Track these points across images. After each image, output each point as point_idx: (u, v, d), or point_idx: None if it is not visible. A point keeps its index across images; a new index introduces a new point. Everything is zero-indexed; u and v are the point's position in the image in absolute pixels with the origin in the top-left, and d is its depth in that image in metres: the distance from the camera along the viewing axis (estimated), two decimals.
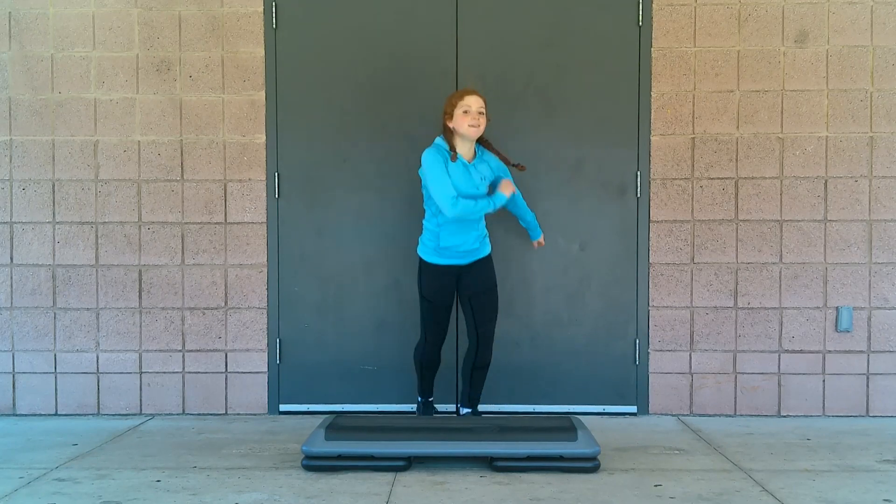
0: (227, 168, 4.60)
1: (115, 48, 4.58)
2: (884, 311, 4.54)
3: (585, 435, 3.58)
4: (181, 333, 4.62)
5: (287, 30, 4.59)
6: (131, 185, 4.60)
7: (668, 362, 4.59)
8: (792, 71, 4.53)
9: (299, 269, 4.63)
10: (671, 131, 4.55)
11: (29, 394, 4.63)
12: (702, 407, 4.59)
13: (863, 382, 4.56)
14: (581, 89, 4.57)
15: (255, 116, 4.59)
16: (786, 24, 4.53)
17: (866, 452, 3.88)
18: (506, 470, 3.53)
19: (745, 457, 3.80)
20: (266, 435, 4.22)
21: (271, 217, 4.62)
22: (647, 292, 4.57)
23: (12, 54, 4.58)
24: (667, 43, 4.54)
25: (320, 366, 4.64)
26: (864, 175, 4.53)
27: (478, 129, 3.98)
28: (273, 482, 3.42)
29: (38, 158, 4.60)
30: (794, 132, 4.54)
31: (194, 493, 3.28)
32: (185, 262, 4.61)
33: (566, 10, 4.57)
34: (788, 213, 4.55)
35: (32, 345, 4.62)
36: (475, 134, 3.98)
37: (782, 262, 4.56)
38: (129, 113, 4.60)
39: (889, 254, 4.54)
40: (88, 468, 3.64)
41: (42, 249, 4.61)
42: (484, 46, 4.58)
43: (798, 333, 4.56)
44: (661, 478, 3.48)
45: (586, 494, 3.25)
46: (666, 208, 4.56)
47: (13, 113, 4.59)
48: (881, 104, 4.52)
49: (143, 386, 4.63)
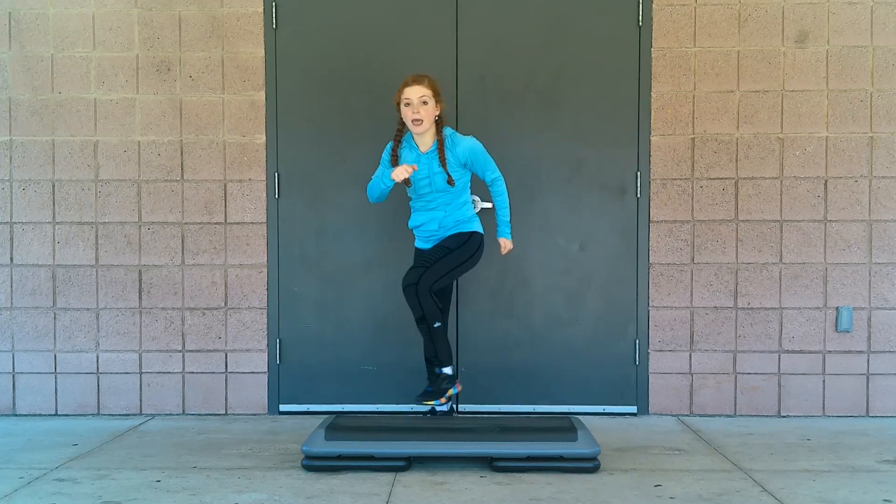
0: (227, 168, 4.60)
1: (115, 48, 4.58)
2: (884, 311, 4.54)
3: (585, 435, 3.58)
4: (181, 333, 4.62)
5: (287, 30, 4.59)
6: (131, 186, 4.60)
7: (668, 362, 4.59)
8: (792, 71, 4.53)
9: (299, 269, 4.63)
10: (671, 131, 4.55)
11: (29, 394, 4.63)
12: (702, 407, 4.59)
13: (863, 382, 4.56)
14: (581, 89, 4.57)
15: (255, 116, 4.59)
16: (786, 24, 4.53)
17: (866, 452, 3.88)
18: (506, 470, 3.53)
19: (745, 457, 3.80)
20: (266, 435, 4.22)
21: (271, 217, 4.62)
22: (647, 292, 4.57)
23: (12, 54, 4.58)
24: (667, 43, 4.54)
25: (320, 366, 4.64)
26: (864, 175, 4.54)
27: (421, 124, 3.82)
28: (273, 482, 3.42)
29: (38, 158, 4.60)
30: (794, 132, 4.54)
31: (194, 494, 3.28)
32: (185, 262, 4.61)
33: (566, 10, 4.57)
34: (788, 214, 4.55)
35: (32, 345, 4.62)
36: (419, 129, 3.83)
37: (782, 262, 4.56)
38: (129, 113, 4.60)
39: (889, 254, 4.54)
40: (88, 468, 3.63)
41: (42, 249, 4.61)
42: (484, 46, 4.58)
43: (798, 333, 4.56)
44: (661, 478, 3.48)
45: (586, 495, 3.25)
46: (666, 208, 4.56)
47: (13, 113, 4.59)
48: (881, 104, 4.52)
49: (143, 386, 4.63)
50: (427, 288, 3.85)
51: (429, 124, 3.88)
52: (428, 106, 3.84)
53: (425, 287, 3.84)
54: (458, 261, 3.93)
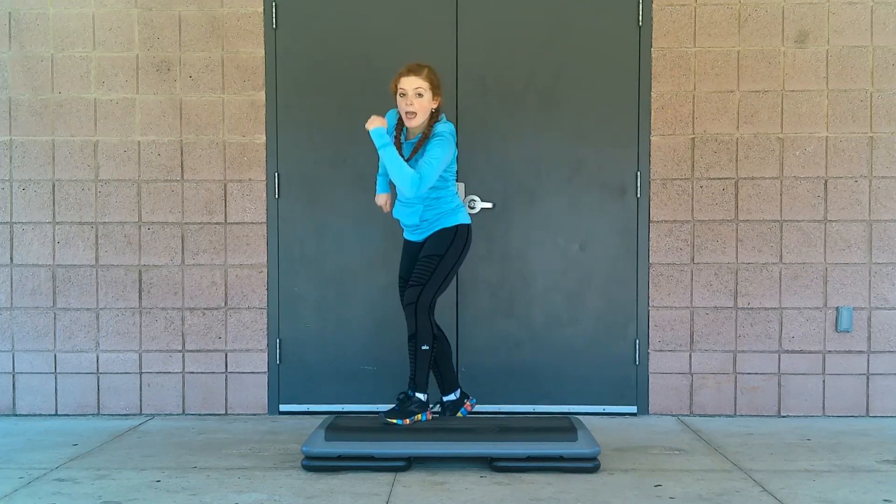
0: (227, 168, 4.60)
1: (115, 48, 4.58)
2: (884, 311, 4.54)
3: (585, 435, 3.58)
4: (181, 333, 4.62)
5: (287, 30, 4.59)
6: (131, 186, 4.60)
7: (668, 362, 4.59)
8: (792, 71, 4.53)
9: (299, 269, 4.63)
10: (671, 131, 4.55)
11: (29, 394, 4.63)
12: (702, 407, 4.59)
13: (863, 382, 4.56)
14: (581, 89, 4.57)
15: (255, 116, 4.59)
16: (786, 24, 4.52)
17: (866, 452, 3.88)
18: (506, 470, 3.53)
19: (745, 457, 3.80)
20: (266, 435, 4.22)
21: (271, 217, 4.62)
22: (647, 292, 4.57)
23: (12, 54, 4.58)
24: (667, 43, 4.54)
25: (320, 366, 4.64)
26: (864, 175, 4.53)
27: (414, 117, 3.68)
28: (273, 482, 3.42)
29: (38, 158, 4.60)
30: (794, 132, 4.54)
31: (194, 494, 3.28)
32: (185, 262, 4.61)
33: (566, 10, 4.57)
34: (788, 214, 4.55)
35: (32, 345, 4.62)
36: (412, 122, 3.70)
37: (782, 262, 4.56)
38: (129, 113, 4.59)
39: (889, 254, 4.54)
40: (88, 468, 3.63)
41: (42, 249, 4.61)
42: (484, 46, 4.58)
43: (798, 333, 4.56)
44: (661, 478, 3.48)
45: (586, 494, 3.25)
46: (666, 208, 4.56)
47: (13, 113, 4.59)
48: (881, 104, 4.52)
49: (143, 386, 4.63)
50: (426, 306, 3.75)
51: (423, 117, 3.72)
52: (423, 99, 3.68)
53: (424, 306, 3.74)
54: (450, 264, 3.80)
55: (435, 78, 3.73)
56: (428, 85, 3.69)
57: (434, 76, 3.74)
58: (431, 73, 3.73)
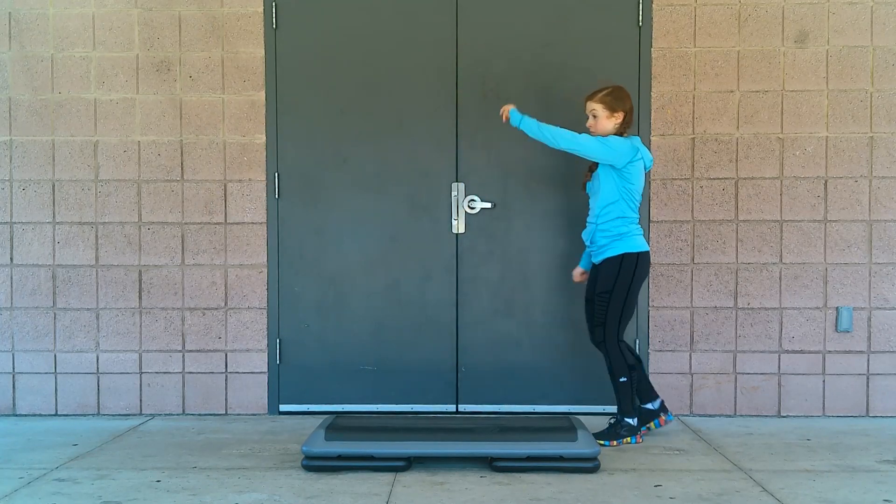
0: (227, 168, 4.60)
1: (115, 48, 4.58)
2: (884, 311, 4.54)
3: (585, 435, 3.58)
4: (181, 333, 4.62)
5: (287, 30, 4.59)
6: (131, 186, 4.60)
7: (668, 362, 4.59)
8: (792, 71, 4.53)
9: (299, 269, 4.63)
10: (671, 131, 4.55)
11: (29, 394, 4.63)
12: (702, 407, 4.59)
13: (863, 382, 4.56)
14: (581, 89, 4.55)
15: (255, 116, 4.59)
16: (786, 24, 4.53)
17: (866, 453, 3.88)
18: (506, 470, 3.53)
19: (745, 457, 3.80)
20: (266, 435, 4.22)
21: (271, 217, 4.62)
22: (647, 292, 4.57)
23: (12, 54, 4.58)
24: (667, 43, 4.54)
25: (320, 366, 4.64)
26: (864, 175, 4.53)
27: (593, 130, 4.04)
28: (273, 482, 3.42)
29: (38, 158, 4.60)
30: (794, 132, 4.54)
31: (194, 494, 3.28)
32: (185, 262, 4.61)
33: (566, 10, 4.57)
34: (788, 214, 4.55)
35: (32, 345, 4.62)
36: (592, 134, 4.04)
37: (782, 262, 4.56)
38: (129, 113, 4.60)
39: (889, 254, 4.54)
40: (88, 468, 3.64)
41: (42, 249, 4.61)
42: (484, 46, 4.58)
43: (798, 333, 4.56)
44: (661, 478, 3.48)
45: (586, 495, 3.25)
46: (666, 208, 4.56)
47: (13, 113, 4.59)
48: (881, 104, 4.52)
49: (143, 386, 4.63)
50: (613, 342, 3.97)
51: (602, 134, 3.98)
52: (597, 119, 3.99)
53: (613, 341, 3.96)
54: (622, 296, 3.95)
55: (609, 99, 3.98)
56: (601, 106, 3.98)
57: (608, 97, 3.98)
58: (607, 94, 3.99)
